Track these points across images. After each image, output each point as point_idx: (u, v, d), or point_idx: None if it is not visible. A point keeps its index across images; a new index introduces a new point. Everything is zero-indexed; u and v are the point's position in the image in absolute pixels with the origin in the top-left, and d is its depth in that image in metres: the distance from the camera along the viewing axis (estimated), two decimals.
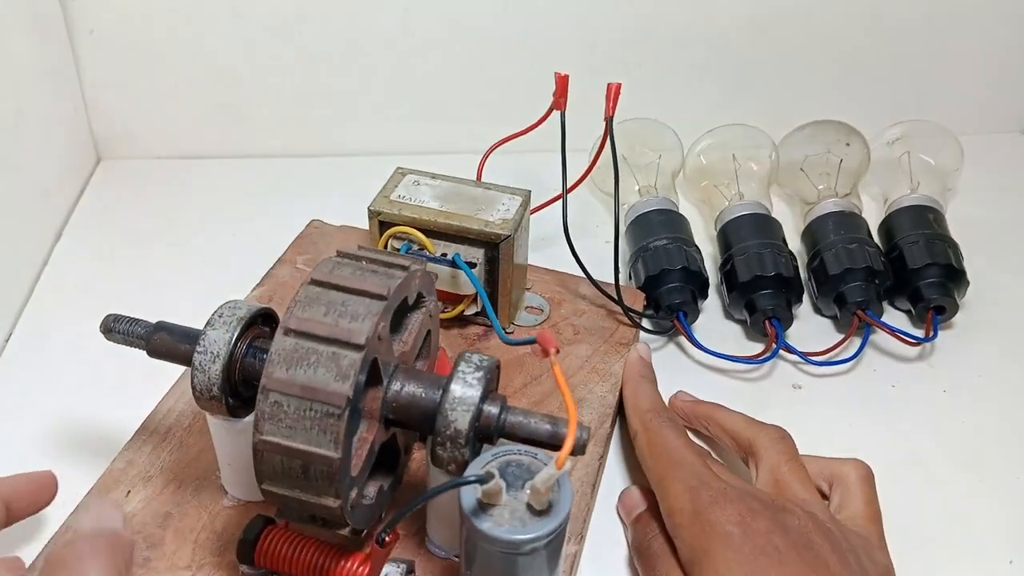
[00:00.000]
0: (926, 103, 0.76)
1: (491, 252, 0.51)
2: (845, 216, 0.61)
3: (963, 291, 0.59)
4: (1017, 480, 0.51)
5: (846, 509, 0.44)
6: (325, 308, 0.35)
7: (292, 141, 0.74)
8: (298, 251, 0.61)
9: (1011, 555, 0.46)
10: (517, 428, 0.38)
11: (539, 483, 0.34)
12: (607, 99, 0.53)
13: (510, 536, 0.34)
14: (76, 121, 0.70)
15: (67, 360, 0.55)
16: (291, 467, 0.35)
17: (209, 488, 0.45)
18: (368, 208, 0.52)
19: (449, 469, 0.37)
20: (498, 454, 0.37)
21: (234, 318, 0.39)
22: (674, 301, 0.57)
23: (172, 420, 0.48)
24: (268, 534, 0.40)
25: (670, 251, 0.58)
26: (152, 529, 0.43)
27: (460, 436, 0.36)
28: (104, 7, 0.67)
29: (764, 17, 0.71)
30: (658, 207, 0.62)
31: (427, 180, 0.54)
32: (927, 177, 0.65)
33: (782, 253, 0.58)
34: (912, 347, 0.57)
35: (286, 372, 0.34)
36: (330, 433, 0.34)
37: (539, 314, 0.57)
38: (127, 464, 0.46)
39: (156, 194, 0.70)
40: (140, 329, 0.41)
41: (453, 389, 0.37)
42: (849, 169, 0.66)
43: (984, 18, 0.73)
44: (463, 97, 0.73)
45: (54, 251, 0.64)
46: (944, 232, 0.61)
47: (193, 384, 0.38)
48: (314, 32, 0.68)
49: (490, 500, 0.35)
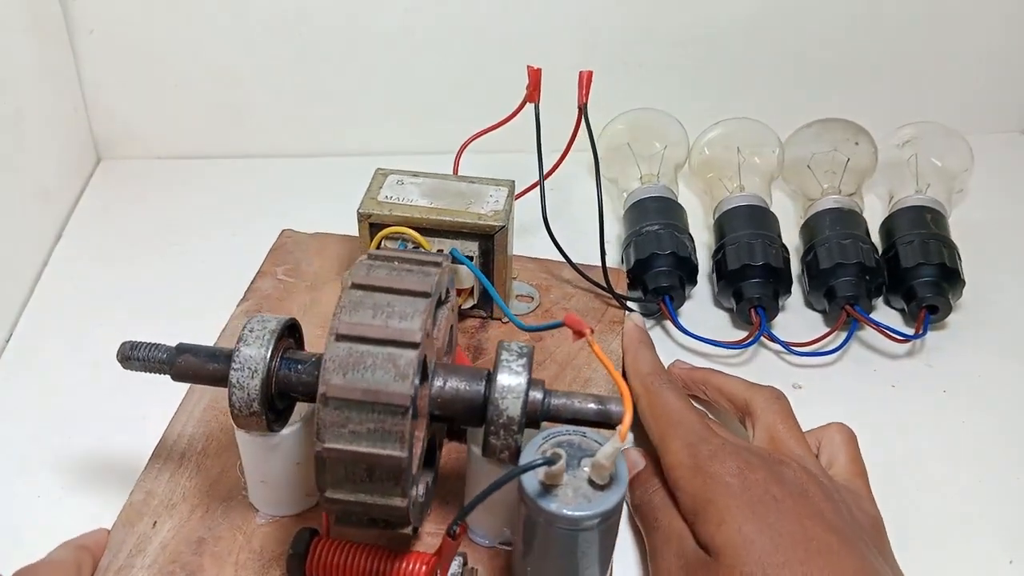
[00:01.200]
0: (927, 103, 0.76)
1: (485, 244, 0.52)
2: (843, 213, 0.62)
3: (958, 291, 0.59)
4: (1017, 480, 0.51)
5: (834, 467, 0.47)
6: (372, 311, 0.35)
7: (292, 141, 0.74)
8: (275, 262, 0.60)
9: (1011, 555, 0.46)
10: (562, 410, 0.39)
11: (603, 458, 0.35)
12: (579, 87, 0.53)
13: (581, 512, 0.35)
14: (76, 121, 0.69)
15: (67, 360, 0.55)
16: (355, 472, 0.35)
17: (238, 508, 0.44)
18: (358, 211, 0.52)
19: (502, 457, 0.38)
20: (548, 437, 0.38)
21: (266, 331, 0.38)
22: (660, 284, 0.58)
23: (184, 444, 0.47)
24: (317, 545, 0.40)
25: (661, 236, 0.59)
26: (188, 557, 0.42)
27: (513, 423, 0.37)
28: (104, 7, 0.66)
29: (764, 17, 0.71)
30: (655, 194, 0.63)
31: (410, 179, 0.54)
32: (935, 179, 0.65)
33: (773, 244, 0.59)
34: (901, 344, 0.58)
35: (343, 378, 0.34)
36: (395, 433, 0.34)
37: (530, 302, 0.58)
38: (146, 495, 0.45)
39: (156, 194, 0.70)
40: (161, 354, 0.40)
41: (501, 378, 0.37)
42: (856, 168, 0.66)
43: (985, 18, 0.74)
44: (463, 97, 0.73)
45: (54, 251, 0.64)
46: (941, 232, 0.61)
47: (232, 402, 0.38)
48: (314, 32, 0.68)
49: (553, 481, 0.36)
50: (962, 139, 0.68)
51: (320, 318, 0.55)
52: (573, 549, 0.37)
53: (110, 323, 0.57)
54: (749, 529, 0.39)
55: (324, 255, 0.60)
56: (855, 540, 0.40)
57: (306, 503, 0.44)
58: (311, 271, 0.59)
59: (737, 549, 0.39)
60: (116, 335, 0.54)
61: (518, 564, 0.40)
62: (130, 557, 0.42)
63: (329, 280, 0.58)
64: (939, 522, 0.49)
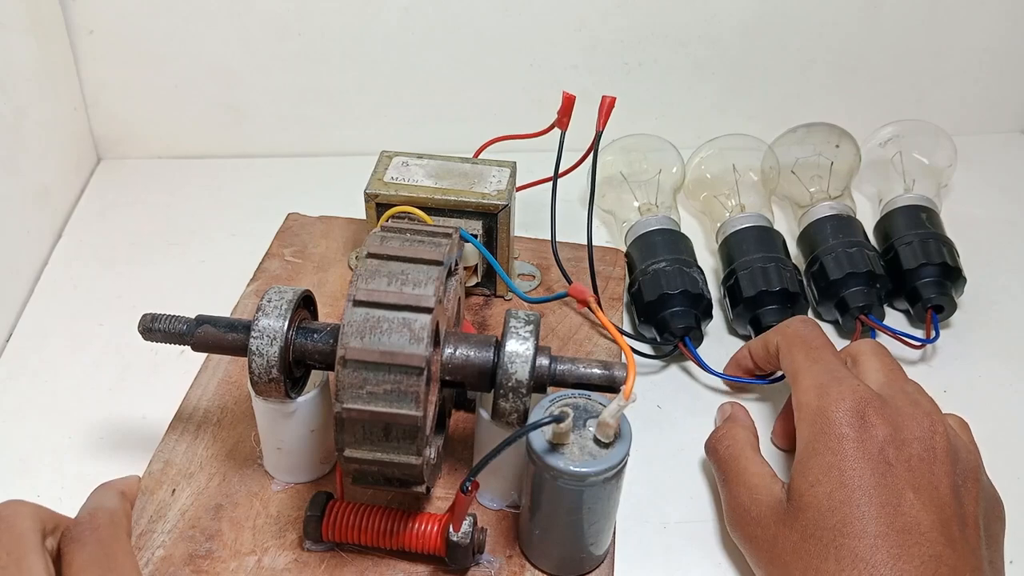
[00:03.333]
0: (925, 103, 0.76)
1: (489, 223, 0.54)
2: (842, 220, 0.61)
3: (960, 289, 0.58)
4: (1017, 480, 0.50)
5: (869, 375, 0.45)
6: (387, 278, 0.37)
7: (292, 141, 0.74)
8: (283, 244, 0.61)
9: (1011, 555, 0.45)
10: (567, 374, 0.40)
11: (608, 416, 0.37)
12: (600, 112, 0.52)
13: (587, 468, 0.37)
14: (76, 121, 0.70)
15: (67, 360, 0.55)
16: (372, 431, 0.36)
17: (254, 476, 0.46)
18: (364, 191, 0.53)
19: (510, 420, 0.40)
20: (555, 399, 0.40)
21: (283, 301, 0.40)
22: (678, 326, 0.55)
23: (200, 416, 0.49)
24: (333, 507, 0.42)
25: (669, 273, 0.56)
26: (207, 522, 0.44)
27: (522, 386, 0.39)
28: (104, 7, 0.66)
29: (763, 17, 0.72)
30: (658, 226, 0.60)
31: (415, 160, 0.56)
32: (921, 176, 0.65)
33: (786, 267, 0.57)
34: (916, 350, 0.57)
35: (361, 341, 0.36)
36: (411, 394, 0.36)
37: (532, 280, 0.59)
38: (165, 464, 0.46)
39: (156, 194, 0.70)
40: (181, 325, 0.41)
41: (509, 344, 0.39)
42: (840, 171, 0.65)
43: (981, 18, 0.74)
44: (463, 97, 0.73)
45: (54, 251, 0.64)
46: (938, 231, 0.60)
47: (251, 368, 0.39)
48: (314, 32, 0.68)
49: (560, 440, 0.38)
50: (944, 134, 0.68)
51: (328, 297, 0.57)
52: (579, 505, 0.39)
53: (110, 323, 0.58)
54: (839, 496, 0.38)
55: (330, 237, 0.62)
56: (950, 522, 0.38)
57: (320, 470, 0.46)
58: (318, 252, 0.61)
59: (820, 513, 0.39)
60: (116, 335, 0.57)
61: (525, 525, 0.42)
62: (151, 523, 0.43)
63: (335, 261, 0.60)
64: None
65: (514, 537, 0.44)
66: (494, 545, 0.43)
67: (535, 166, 0.58)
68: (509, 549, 0.43)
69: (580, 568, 0.42)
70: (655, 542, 0.46)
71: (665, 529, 0.47)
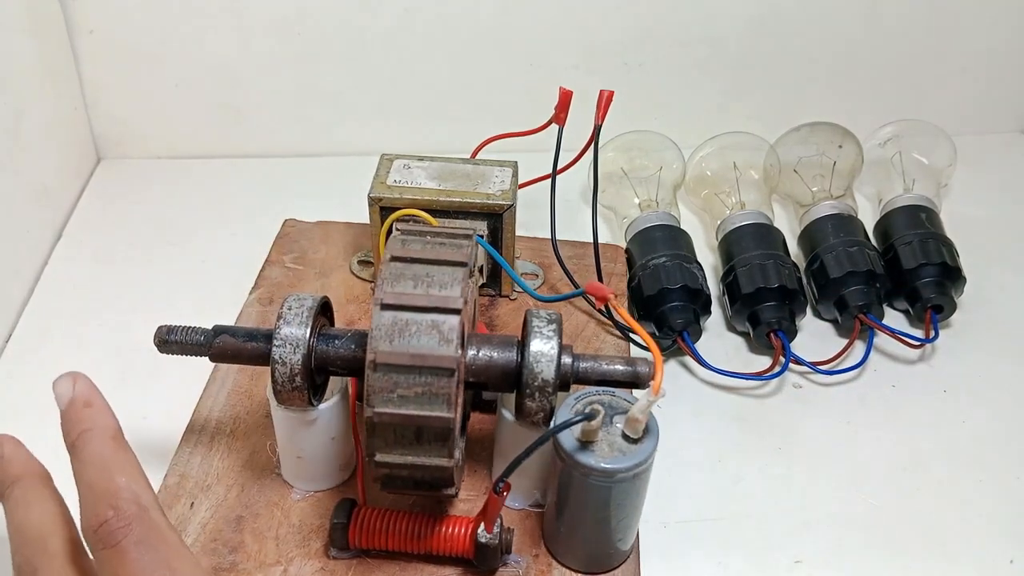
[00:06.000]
0: (925, 103, 0.76)
1: (494, 223, 0.54)
2: (843, 219, 0.61)
3: (960, 289, 0.58)
4: (1017, 480, 0.50)
5: None
6: (413, 281, 0.37)
7: (292, 140, 0.74)
8: (282, 251, 0.61)
9: (1011, 555, 0.46)
10: (591, 372, 0.41)
11: (638, 412, 0.37)
12: (598, 106, 0.53)
13: (618, 464, 0.37)
14: (76, 121, 0.69)
15: (67, 360, 0.54)
16: (404, 435, 0.36)
17: (272, 485, 0.45)
18: (368, 195, 0.53)
19: (536, 419, 0.40)
20: (580, 397, 0.40)
21: (303, 309, 0.39)
22: (676, 321, 0.55)
23: (213, 428, 0.48)
24: (359, 513, 0.42)
25: (669, 268, 0.56)
26: (229, 534, 0.43)
27: (548, 385, 0.39)
28: (104, 7, 0.66)
29: (762, 17, 0.72)
30: (658, 222, 0.60)
31: (416, 162, 0.56)
32: (920, 176, 0.65)
33: (785, 264, 0.57)
34: (915, 349, 0.57)
35: (391, 344, 0.36)
36: (442, 396, 0.36)
37: (535, 279, 0.59)
38: (180, 477, 0.46)
39: (156, 194, 0.70)
40: (199, 336, 0.41)
41: (534, 344, 0.39)
42: (842, 170, 0.65)
43: (981, 18, 0.74)
44: (462, 97, 0.73)
45: (54, 251, 0.64)
46: (937, 231, 0.60)
47: (274, 377, 0.39)
48: (314, 32, 0.68)
49: (589, 437, 0.38)
50: (944, 134, 0.68)
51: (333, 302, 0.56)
52: (607, 501, 0.39)
53: (110, 323, 0.57)
54: None
55: (329, 242, 0.61)
56: None
57: (339, 477, 0.45)
58: (318, 258, 0.60)
59: None
60: (116, 335, 0.56)
61: (552, 523, 0.42)
62: None
63: (337, 266, 0.60)
64: (939, 522, 0.48)
65: (539, 536, 0.44)
66: (519, 545, 0.43)
67: (532, 165, 0.58)
68: (535, 548, 0.43)
69: (608, 563, 0.42)
70: (655, 542, 0.46)
71: (665, 529, 0.47)
